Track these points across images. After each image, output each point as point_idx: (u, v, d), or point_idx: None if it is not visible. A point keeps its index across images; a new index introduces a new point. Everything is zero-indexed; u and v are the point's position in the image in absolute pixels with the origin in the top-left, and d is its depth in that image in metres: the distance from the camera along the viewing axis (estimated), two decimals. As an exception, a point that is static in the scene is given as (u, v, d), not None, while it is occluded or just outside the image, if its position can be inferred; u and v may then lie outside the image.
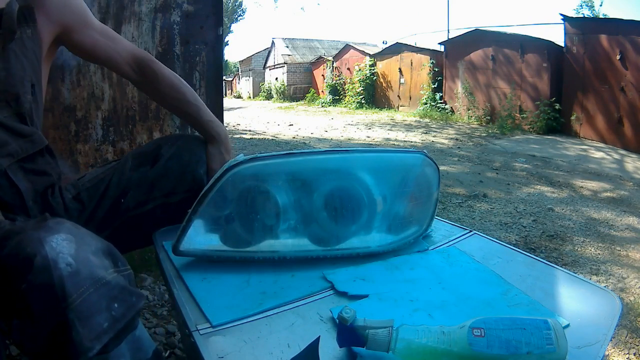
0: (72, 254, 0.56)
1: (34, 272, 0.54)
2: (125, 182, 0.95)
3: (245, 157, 0.77)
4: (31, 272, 0.54)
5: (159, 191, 0.95)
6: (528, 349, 0.52)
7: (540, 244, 2.44)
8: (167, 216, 0.95)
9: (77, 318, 0.54)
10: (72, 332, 0.54)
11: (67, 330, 0.54)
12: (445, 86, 10.30)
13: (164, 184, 0.95)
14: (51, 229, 0.58)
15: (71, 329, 0.54)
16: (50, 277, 0.54)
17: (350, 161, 0.86)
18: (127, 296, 0.59)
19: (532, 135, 7.50)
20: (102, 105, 1.67)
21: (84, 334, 0.54)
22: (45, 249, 0.55)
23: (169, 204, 0.95)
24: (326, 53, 18.98)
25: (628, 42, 6.55)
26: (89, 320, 0.55)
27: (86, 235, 0.61)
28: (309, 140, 6.59)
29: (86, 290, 0.55)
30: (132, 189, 0.95)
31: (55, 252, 0.55)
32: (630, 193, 3.86)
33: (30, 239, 0.56)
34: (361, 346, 0.56)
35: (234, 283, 0.75)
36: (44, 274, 0.54)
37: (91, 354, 0.55)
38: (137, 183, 0.95)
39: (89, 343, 0.54)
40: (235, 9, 32.28)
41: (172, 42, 1.83)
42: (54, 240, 0.56)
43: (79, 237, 0.59)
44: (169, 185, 0.96)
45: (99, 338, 0.55)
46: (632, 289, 1.95)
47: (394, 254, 0.85)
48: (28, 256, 0.55)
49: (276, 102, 18.56)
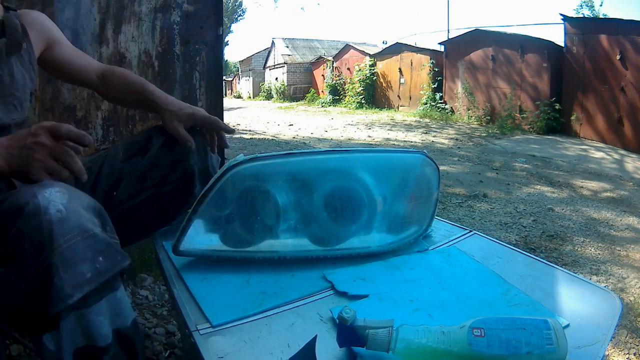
0: (64, 203, 0.58)
1: (24, 217, 0.56)
2: (117, 174, 0.95)
3: (245, 157, 0.77)
4: (21, 217, 0.56)
5: (151, 181, 0.95)
6: (528, 349, 0.52)
7: (540, 244, 2.44)
8: (159, 207, 0.95)
9: (61, 263, 0.55)
10: (55, 277, 0.54)
11: (49, 276, 0.54)
12: (445, 86, 10.30)
13: (155, 173, 0.95)
14: (45, 184, 0.61)
15: (53, 274, 0.54)
16: (39, 221, 0.55)
17: (350, 161, 0.86)
18: (113, 253, 0.61)
19: (532, 135, 7.50)
20: (102, 105, 1.67)
21: (66, 280, 0.55)
22: (37, 198, 0.57)
23: (161, 194, 0.95)
24: (326, 53, 18.98)
25: (628, 42, 6.55)
26: (72, 267, 0.56)
27: (80, 192, 0.63)
28: (309, 140, 6.59)
29: (73, 238, 0.56)
30: (125, 180, 0.95)
31: (47, 200, 0.57)
32: (630, 193, 3.86)
33: (25, 192, 0.59)
34: (361, 346, 0.56)
35: (234, 283, 0.75)
36: (34, 218, 0.56)
37: (71, 301, 0.55)
38: (129, 174, 0.95)
39: (70, 290, 0.55)
40: (235, 9, 32.27)
41: (172, 42, 1.83)
42: (47, 191, 0.58)
43: (72, 191, 0.61)
44: (160, 175, 0.95)
45: (81, 286, 0.56)
46: (632, 289, 1.95)
47: (394, 254, 0.85)
48: (20, 205, 0.57)
49: (276, 102, 18.55)
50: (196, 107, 0.99)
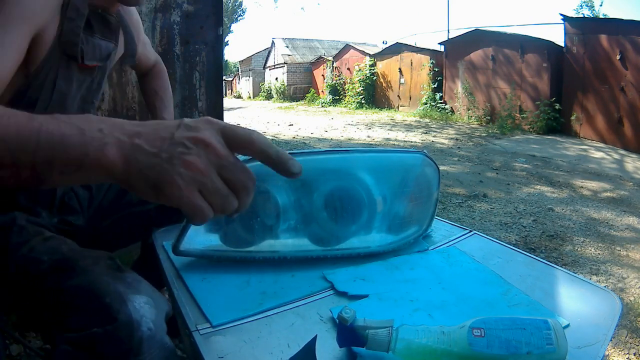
0: (153, 320, 0.61)
1: (116, 327, 0.58)
2: None
3: (245, 157, 0.77)
4: (111, 324, 0.58)
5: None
6: (528, 349, 0.52)
7: (540, 244, 2.44)
8: (167, 216, 0.96)
9: None
10: None
11: None
12: (445, 86, 10.30)
13: None
14: (131, 286, 0.63)
15: None
16: (131, 335, 0.59)
17: (350, 161, 0.86)
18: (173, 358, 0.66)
19: (532, 135, 7.51)
20: (102, 105, 1.67)
21: None
22: (128, 308, 0.60)
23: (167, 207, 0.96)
24: (326, 53, 18.98)
25: (628, 42, 6.55)
26: None
27: (159, 298, 0.66)
28: (309, 140, 6.59)
29: (155, 352, 0.61)
30: None
31: (139, 315, 0.60)
32: (630, 193, 3.86)
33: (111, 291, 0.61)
34: (361, 346, 0.55)
35: (234, 283, 0.75)
36: (126, 331, 0.59)
37: None
38: None
39: None
40: (235, 9, 32.28)
41: (172, 42, 1.83)
42: (137, 301, 0.61)
43: (156, 301, 0.64)
44: None
45: None
46: (632, 289, 1.95)
47: (394, 254, 0.85)
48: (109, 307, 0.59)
49: (276, 102, 18.56)
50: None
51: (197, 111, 2.00)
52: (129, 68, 1.71)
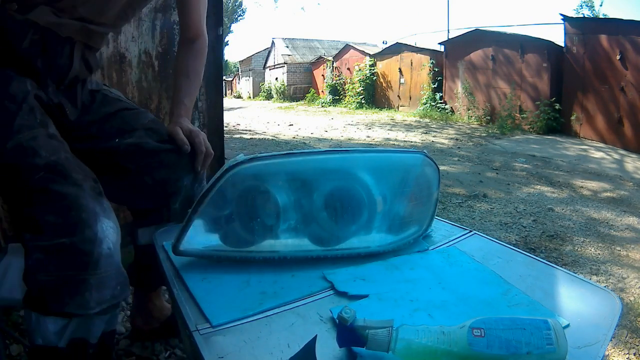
0: (114, 242, 0.74)
1: (82, 239, 0.69)
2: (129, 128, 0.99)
3: (245, 157, 0.77)
4: (78, 236, 0.69)
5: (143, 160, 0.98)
6: (528, 349, 0.52)
7: (540, 244, 2.44)
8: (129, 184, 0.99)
9: (95, 285, 0.70)
10: (86, 292, 0.70)
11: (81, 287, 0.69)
12: (445, 86, 10.30)
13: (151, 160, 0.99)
14: (105, 211, 0.74)
15: (85, 289, 0.70)
16: (92, 250, 0.70)
17: (350, 161, 0.86)
18: (126, 284, 0.77)
19: (532, 135, 7.50)
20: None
21: (94, 297, 0.70)
22: (97, 226, 0.71)
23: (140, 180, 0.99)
24: (326, 53, 18.97)
25: (628, 42, 6.55)
26: (102, 290, 0.71)
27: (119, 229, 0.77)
28: (309, 140, 6.59)
29: (111, 271, 0.72)
30: (127, 136, 0.98)
31: (104, 235, 0.71)
32: (630, 193, 3.86)
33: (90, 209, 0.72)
34: (361, 346, 0.55)
35: (234, 283, 0.75)
36: (90, 245, 0.70)
37: (92, 311, 0.71)
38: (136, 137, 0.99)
39: (94, 304, 0.71)
40: (235, 9, 32.26)
41: (172, 42, 1.83)
42: (105, 224, 0.72)
43: (118, 229, 0.76)
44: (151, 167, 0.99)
45: (101, 304, 0.72)
46: (632, 289, 1.95)
47: (394, 254, 0.85)
48: (84, 222, 0.70)
49: (276, 102, 18.55)
50: (196, 130, 1.04)
51: (197, 111, 2.00)
52: (128, 68, 1.71)
